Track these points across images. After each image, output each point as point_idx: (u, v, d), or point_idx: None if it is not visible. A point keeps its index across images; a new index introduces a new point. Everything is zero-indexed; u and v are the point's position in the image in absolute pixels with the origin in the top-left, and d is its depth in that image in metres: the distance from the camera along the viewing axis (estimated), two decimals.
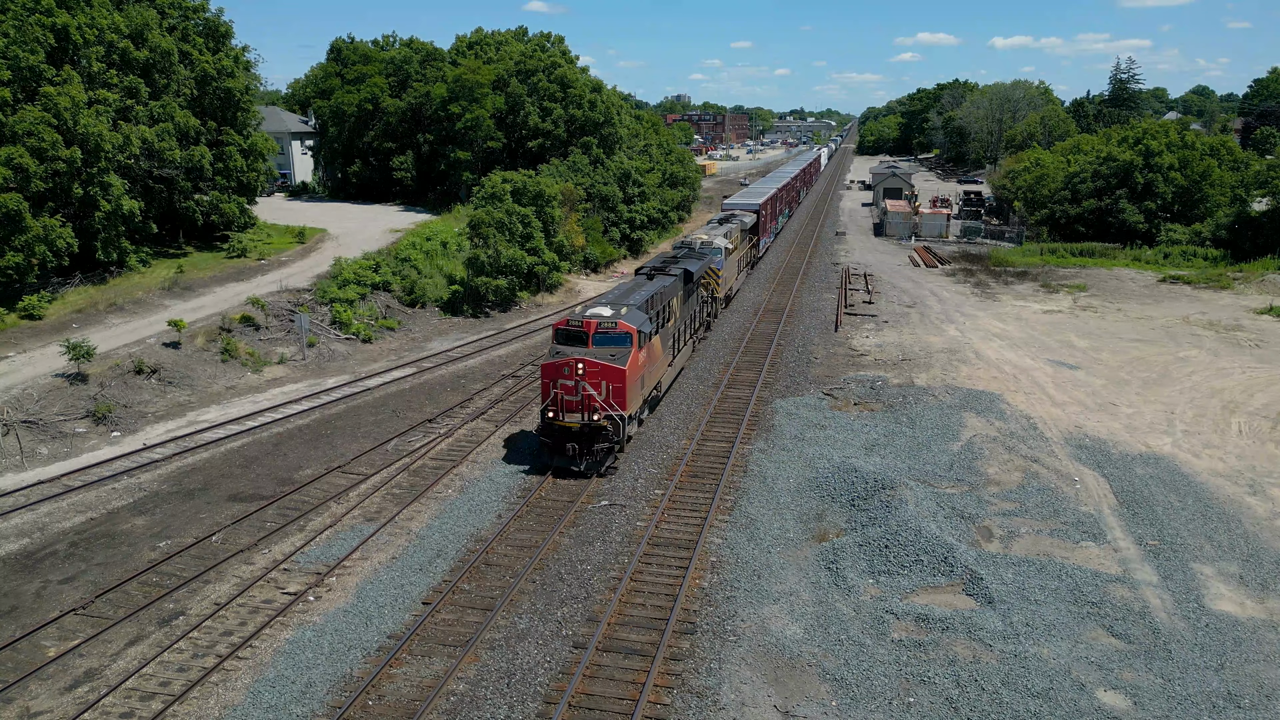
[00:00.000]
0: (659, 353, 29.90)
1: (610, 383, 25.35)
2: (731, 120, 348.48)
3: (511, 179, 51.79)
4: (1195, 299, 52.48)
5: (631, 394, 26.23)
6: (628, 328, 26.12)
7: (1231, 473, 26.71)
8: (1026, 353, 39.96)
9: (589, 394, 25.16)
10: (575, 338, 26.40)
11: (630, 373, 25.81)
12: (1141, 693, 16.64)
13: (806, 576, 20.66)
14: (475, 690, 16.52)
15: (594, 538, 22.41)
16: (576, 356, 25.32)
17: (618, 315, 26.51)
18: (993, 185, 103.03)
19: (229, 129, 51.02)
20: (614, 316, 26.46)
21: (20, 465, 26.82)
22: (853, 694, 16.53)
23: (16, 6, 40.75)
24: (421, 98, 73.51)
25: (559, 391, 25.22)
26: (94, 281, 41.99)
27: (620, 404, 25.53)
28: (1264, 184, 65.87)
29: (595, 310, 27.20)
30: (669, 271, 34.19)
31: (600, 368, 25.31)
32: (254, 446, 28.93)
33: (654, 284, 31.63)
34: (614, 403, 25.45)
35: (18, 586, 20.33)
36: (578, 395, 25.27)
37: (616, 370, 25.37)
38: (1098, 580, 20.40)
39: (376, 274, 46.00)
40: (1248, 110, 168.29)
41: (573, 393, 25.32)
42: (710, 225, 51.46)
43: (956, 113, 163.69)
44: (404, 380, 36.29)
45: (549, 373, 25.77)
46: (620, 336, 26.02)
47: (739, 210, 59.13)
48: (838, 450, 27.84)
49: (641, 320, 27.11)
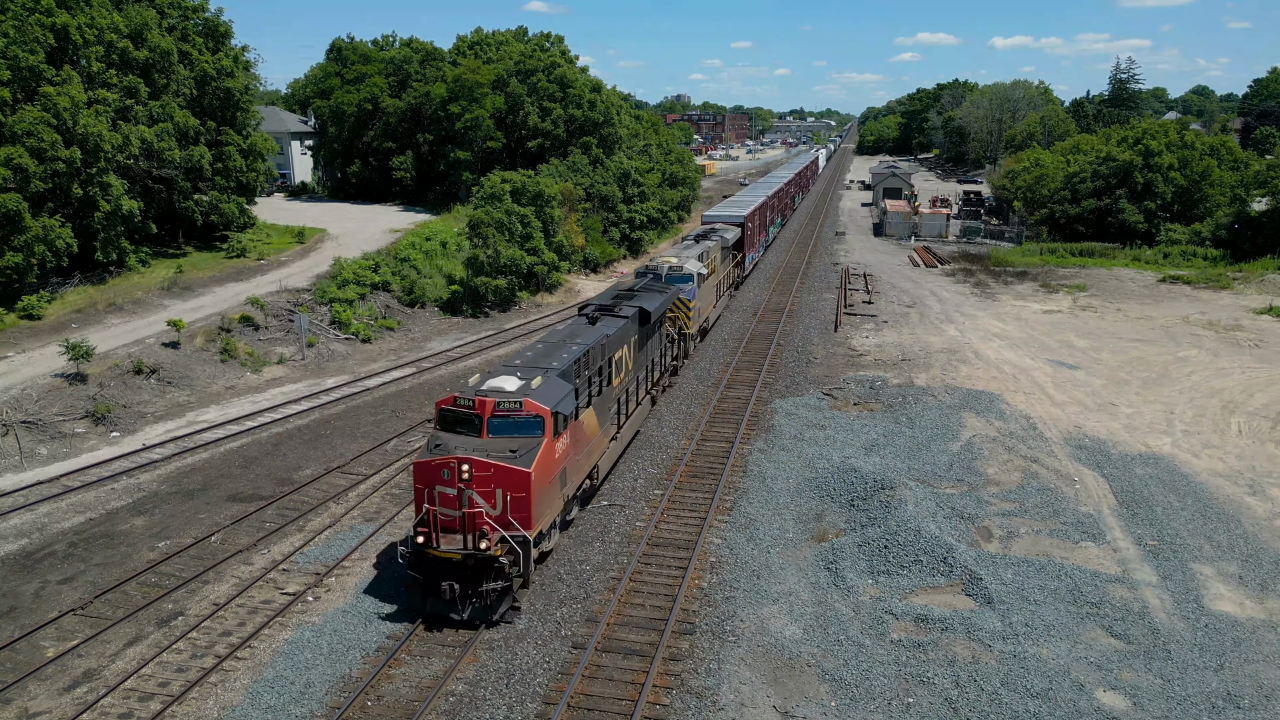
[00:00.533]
0: (593, 430, 22.88)
1: (510, 491, 18.16)
2: (731, 120, 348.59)
3: (511, 179, 51.79)
4: (1195, 299, 52.48)
5: (543, 503, 19.08)
6: (538, 409, 19.09)
7: (1231, 473, 26.71)
8: (1026, 353, 39.95)
9: (477, 509, 17.91)
10: (465, 422, 19.25)
11: (540, 473, 18.73)
12: (1141, 693, 16.63)
13: (806, 577, 20.65)
14: (474, 690, 16.51)
15: (593, 538, 22.39)
16: (460, 455, 18.12)
17: (526, 390, 19.62)
18: (992, 185, 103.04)
19: (228, 129, 51.00)
20: (521, 392, 19.52)
21: (19, 465, 26.81)
22: (852, 694, 16.53)
23: (16, 6, 40.74)
24: (421, 98, 73.51)
25: (435, 506, 18.06)
26: (93, 281, 41.97)
27: (525, 520, 18.37)
28: (1264, 184, 65.90)
29: (496, 382, 19.99)
30: (619, 311, 27.02)
31: (495, 470, 18.09)
32: (253, 447, 28.92)
33: (595, 331, 24.62)
34: (516, 520, 18.29)
35: (16, 587, 20.32)
36: (461, 510, 17.98)
37: (518, 474, 18.15)
38: (1097, 580, 20.40)
39: (376, 274, 46.00)
40: (1247, 110, 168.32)
41: (454, 505, 18.03)
42: (684, 243, 43.85)
43: (956, 113, 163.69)
44: (403, 380, 36.28)
45: (423, 476, 18.43)
46: (527, 422, 19.03)
47: (720, 224, 51.75)
48: (837, 450, 27.83)
49: (561, 394, 20.24)
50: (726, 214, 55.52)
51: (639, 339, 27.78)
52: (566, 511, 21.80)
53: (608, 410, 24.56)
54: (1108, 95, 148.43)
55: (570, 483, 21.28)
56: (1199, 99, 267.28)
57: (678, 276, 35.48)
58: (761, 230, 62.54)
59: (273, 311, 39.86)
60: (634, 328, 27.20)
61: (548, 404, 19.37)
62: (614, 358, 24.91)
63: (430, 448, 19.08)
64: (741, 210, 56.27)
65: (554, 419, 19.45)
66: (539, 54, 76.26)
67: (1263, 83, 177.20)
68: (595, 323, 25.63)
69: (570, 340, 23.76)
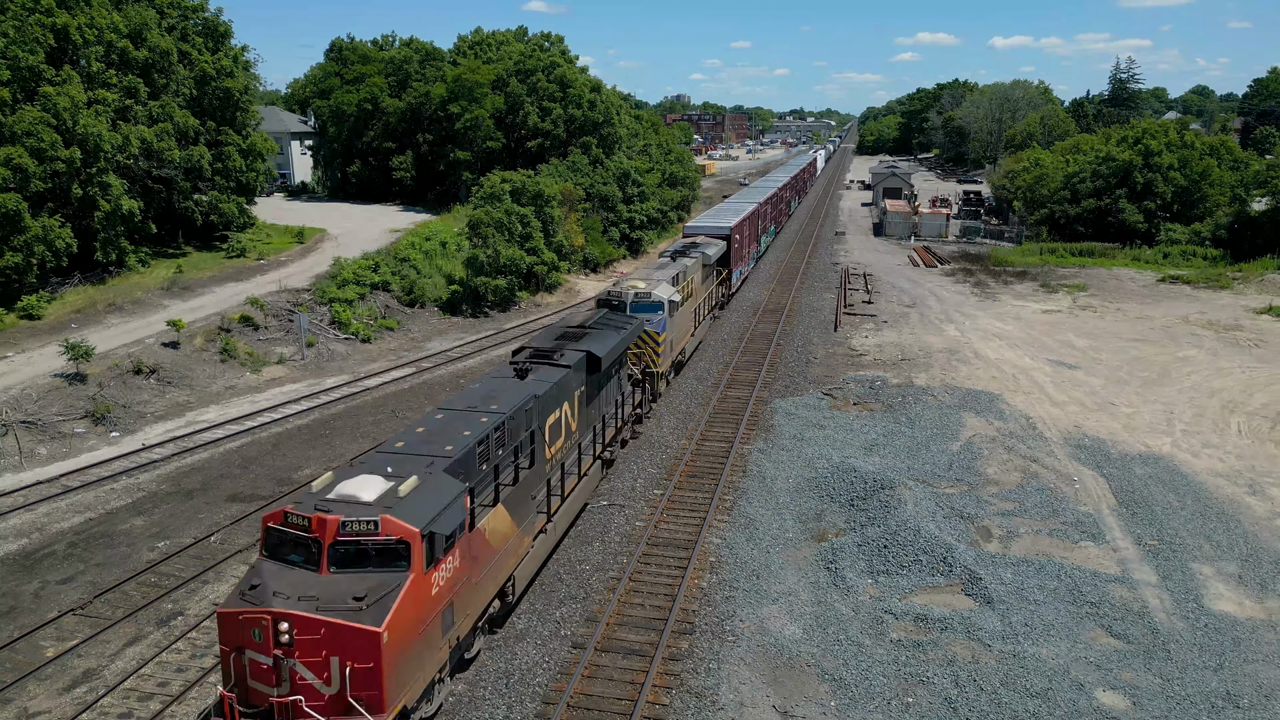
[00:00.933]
0: (504, 534, 16.91)
1: (351, 660, 12.39)
2: (731, 120, 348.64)
3: (511, 179, 51.80)
4: (1195, 299, 52.47)
5: (406, 670, 13.24)
6: (403, 531, 13.15)
7: (1231, 472, 26.71)
8: (1026, 352, 39.95)
9: (303, 685, 12.37)
10: (300, 546, 13.30)
11: (401, 630, 12.95)
12: (1140, 693, 16.63)
13: (805, 576, 20.65)
14: (473, 690, 16.50)
15: (593, 538, 22.39)
16: (279, 608, 12.30)
17: (391, 500, 13.57)
18: (992, 185, 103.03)
19: (228, 129, 51.01)
20: (381, 503, 13.47)
21: (19, 465, 26.81)
22: (851, 694, 16.52)
23: (16, 6, 40.75)
24: (421, 98, 73.52)
25: (243, 671, 12.64)
26: (93, 281, 41.98)
27: (374, 700, 12.51)
28: (1263, 184, 65.91)
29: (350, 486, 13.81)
30: (559, 359, 21.25)
31: (328, 631, 12.34)
32: (253, 447, 28.92)
33: (519, 391, 18.63)
34: (359, 699, 12.39)
35: (16, 587, 20.32)
36: (280, 686, 12.35)
37: (363, 635, 12.39)
38: (1097, 580, 20.39)
39: (376, 274, 46.00)
40: (1247, 110, 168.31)
41: (269, 679, 12.39)
42: (658, 263, 37.55)
43: (956, 113, 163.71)
44: (403, 380, 36.28)
45: (229, 632, 12.73)
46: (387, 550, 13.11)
47: (703, 237, 45.54)
48: (837, 450, 27.82)
49: (444, 503, 14.19)
50: (710, 225, 49.38)
51: (587, 391, 22.37)
52: (461, 652, 16.10)
53: (532, 498, 18.62)
54: (1108, 95, 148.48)
55: (462, 620, 15.30)
56: (1199, 99, 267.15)
57: (644, 305, 30.16)
58: (752, 240, 56.80)
59: (272, 311, 39.86)
60: (579, 378, 21.64)
61: (418, 522, 13.38)
62: (548, 423, 19.32)
63: (243, 589, 12.98)
64: (727, 220, 50.35)
65: (428, 544, 13.50)
66: (539, 54, 76.27)
67: (1263, 83, 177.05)
68: (525, 375, 19.59)
69: (482, 407, 17.37)
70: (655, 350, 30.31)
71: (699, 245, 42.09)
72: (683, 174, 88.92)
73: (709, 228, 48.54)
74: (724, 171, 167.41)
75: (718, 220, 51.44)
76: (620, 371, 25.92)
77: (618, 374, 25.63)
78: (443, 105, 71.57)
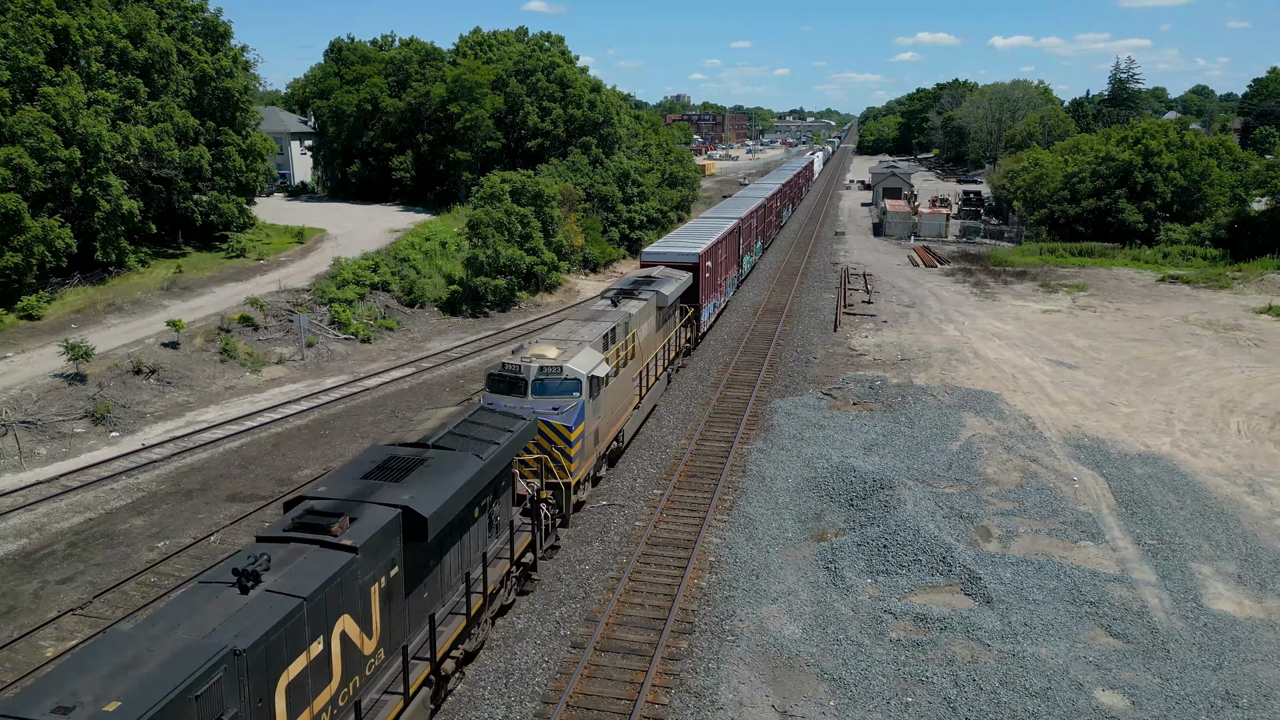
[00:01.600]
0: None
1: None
2: (731, 120, 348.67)
3: (510, 179, 51.80)
4: (1194, 298, 52.48)
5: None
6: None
7: (1230, 472, 26.71)
8: (1025, 352, 39.96)
9: None
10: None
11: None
12: (1140, 692, 16.64)
13: (805, 576, 20.66)
14: (473, 690, 16.51)
15: (592, 537, 22.39)
16: None
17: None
18: (992, 185, 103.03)
19: (228, 129, 51.01)
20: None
21: (18, 465, 26.82)
22: (851, 694, 16.53)
23: (16, 7, 40.75)
24: (421, 98, 73.53)
25: None
26: (93, 282, 41.99)
27: None
28: (1263, 184, 65.92)
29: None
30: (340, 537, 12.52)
31: None
32: (253, 447, 28.93)
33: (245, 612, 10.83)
34: None
35: (15, 587, 20.32)
36: None
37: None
38: (1096, 580, 20.40)
39: (375, 274, 46.00)
40: (1247, 110, 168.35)
41: None
42: (592, 311, 27.77)
43: (956, 113, 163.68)
44: (403, 380, 36.29)
45: None
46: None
47: (662, 268, 36.41)
48: (836, 450, 27.83)
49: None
50: (674, 251, 39.98)
51: (409, 574, 13.91)
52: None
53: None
54: (1107, 95, 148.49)
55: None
56: (1199, 99, 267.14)
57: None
58: (730, 265, 47.81)
59: (272, 311, 39.86)
60: (384, 564, 13.10)
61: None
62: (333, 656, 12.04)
63: None
64: (697, 245, 40.80)
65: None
66: (539, 54, 76.29)
67: (1262, 82, 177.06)
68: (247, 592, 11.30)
69: None
70: (564, 452, 21.10)
71: (654, 281, 32.78)
72: (683, 174, 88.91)
73: (672, 255, 39.30)
74: (724, 171, 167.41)
75: (684, 245, 41.56)
76: (486, 514, 17.08)
77: (481, 519, 16.77)
78: (442, 105, 71.58)
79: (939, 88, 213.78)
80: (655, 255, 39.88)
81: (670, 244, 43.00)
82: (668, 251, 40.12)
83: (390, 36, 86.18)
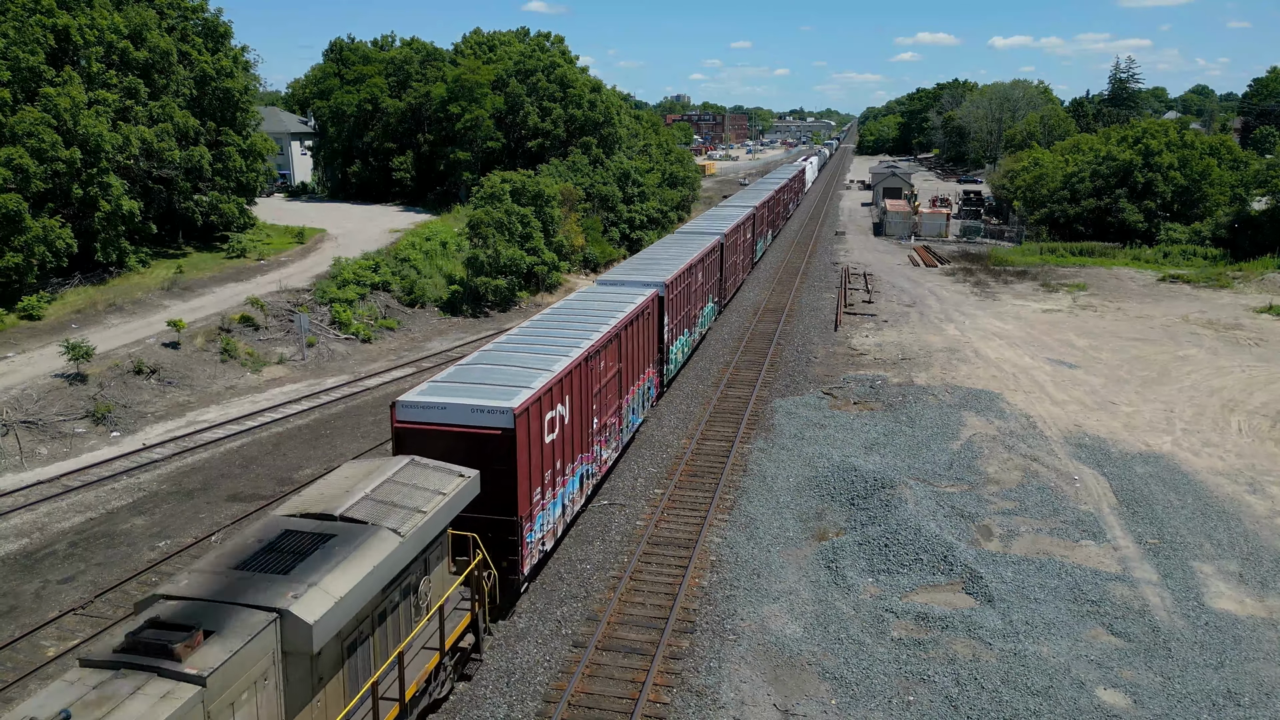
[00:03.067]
0: None
1: None
2: (731, 120, 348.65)
3: (511, 179, 51.81)
4: (1195, 298, 52.48)
5: None
6: None
7: (1231, 471, 26.71)
8: (1026, 352, 39.95)
9: None
10: None
11: None
12: (1141, 691, 16.64)
13: (806, 575, 20.65)
14: (474, 689, 16.50)
15: (593, 537, 22.40)
16: None
17: None
18: (992, 185, 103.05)
19: (228, 129, 51.03)
20: None
21: (19, 465, 26.82)
22: (852, 692, 16.53)
23: (16, 7, 40.77)
24: (421, 98, 73.55)
25: None
26: (93, 282, 41.98)
27: None
28: (1263, 183, 65.94)
29: None
30: None
31: None
32: (253, 446, 28.93)
33: None
34: None
35: (17, 586, 20.32)
36: None
37: None
38: (1097, 579, 20.40)
39: (376, 274, 46.01)
40: (1247, 110, 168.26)
41: None
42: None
43: (956, 113, 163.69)
44: (403, 380, 36.28)
45: None
46: None
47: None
48: (837, 449, 27.83)
49: None
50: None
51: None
52: None
53: None
54: (1107, 95, 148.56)
55: None
56: (1199, 98, 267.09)
57: None
58: (700, 298, 37.55)
59: (273, 311, 39.87)
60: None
61: None
62: None
63: None
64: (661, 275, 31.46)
65: None
66: (539, 54, 76.31)
67: (1262, 82, 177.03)
68: None
69: None
70: None
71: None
72: (683, 174, 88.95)
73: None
74: (724, 171, 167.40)
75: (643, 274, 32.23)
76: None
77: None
78: (443, 105, 71.59)
79: (939, 88, 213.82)
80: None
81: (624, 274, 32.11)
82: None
83: (390, 36, 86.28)
